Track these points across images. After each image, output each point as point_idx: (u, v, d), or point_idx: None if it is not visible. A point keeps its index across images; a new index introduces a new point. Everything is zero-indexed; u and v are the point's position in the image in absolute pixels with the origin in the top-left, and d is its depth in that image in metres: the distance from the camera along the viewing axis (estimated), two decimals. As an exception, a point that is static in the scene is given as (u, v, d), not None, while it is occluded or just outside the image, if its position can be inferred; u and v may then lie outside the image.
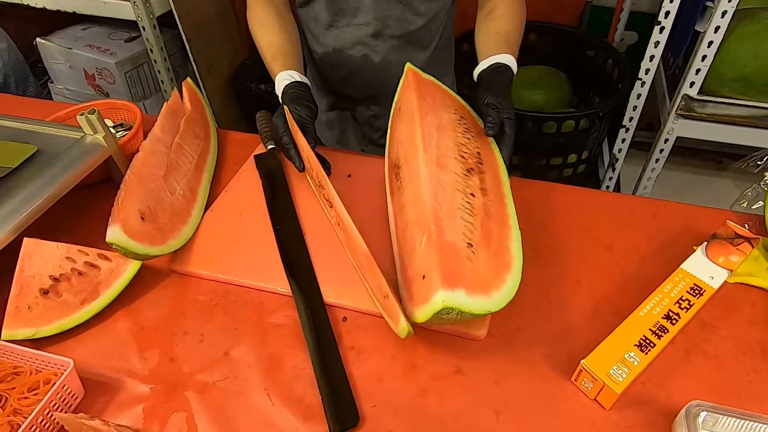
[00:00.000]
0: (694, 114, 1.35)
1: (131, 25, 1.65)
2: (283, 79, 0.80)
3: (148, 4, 1.56)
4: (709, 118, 1.33)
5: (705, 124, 1.35)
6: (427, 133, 0.67)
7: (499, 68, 0.76)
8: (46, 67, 1.91)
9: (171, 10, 1.59)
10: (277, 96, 0.81)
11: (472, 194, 0.62)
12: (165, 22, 1.64)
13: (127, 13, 1.58)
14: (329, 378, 0.57)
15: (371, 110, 0.99)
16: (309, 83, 0.82)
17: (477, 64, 0.79)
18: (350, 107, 1.01)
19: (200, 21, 1.69)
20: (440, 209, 0.59)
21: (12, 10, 1.71)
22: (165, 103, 0.82)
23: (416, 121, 0.68)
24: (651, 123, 1.96)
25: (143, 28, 1.60)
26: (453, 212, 0.59)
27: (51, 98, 1.99)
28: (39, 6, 1.65)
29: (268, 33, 0.85)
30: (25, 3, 1.65)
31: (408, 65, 0.80)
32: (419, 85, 0.75)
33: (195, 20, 1.67)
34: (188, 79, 0.91)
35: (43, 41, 1.83)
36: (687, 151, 1.98)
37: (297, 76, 0.80)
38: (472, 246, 0.57)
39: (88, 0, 1.60)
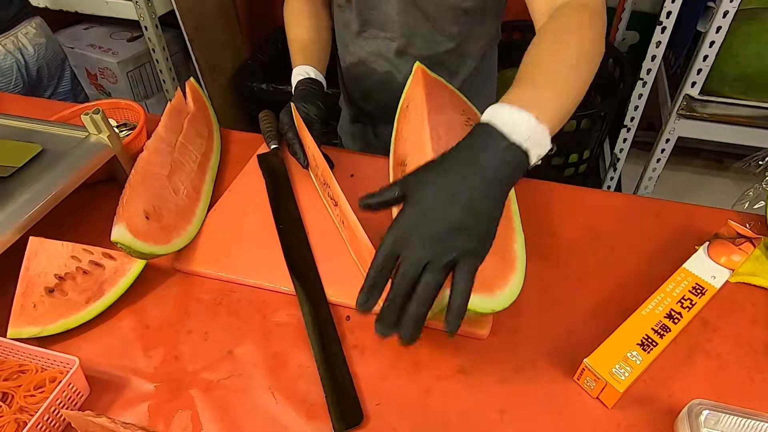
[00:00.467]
0: (695, 114, 1.35)
1: (133, 25, 1.65)
2: (298, 74, 0.81)
3: (150, 4, 1.56)
4: (710, 118, 1.34)
5: (706, 124, 1.36)
6: (435, 130, 0.67)
7: (478, 130, 0.48)
8: (48, 66, 1.91)
9: (173, 10, 1.60)
10: (285, 93, 0.82)
11: None
12: (167, 21, 1.65)
13: (129, 12, 1.59)
14: (333, 376, 0.57)
15: (388, 129, 0.97)
16: (323, 81, 0.82)
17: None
18: (371, 123, 1.00)
19: (202, 21, 1.70)
20: None
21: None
22: (168, 102, 0.83)
23: (424, 118, 0.69)
24: (652, 123, 1.96)
25: (145, 27, 1.61)
26: None
27: (53, 97, 1.99)
28: (41, 6, 1.66)
29: (297, 27, 0.86)
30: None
31: (417, 63, 0.77)
32: (427, 83, 0.75)
33: (197, 20, 1.68)
34: (191, 79, 0.91)
35: (45, 41, 1.83)
36: (689, 151, 1.98)
37: (312, 73, 0.81)
38: None
39: (91, 0, 1.61)
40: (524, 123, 0.47)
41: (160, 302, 0.66)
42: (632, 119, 1.47)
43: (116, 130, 0.76)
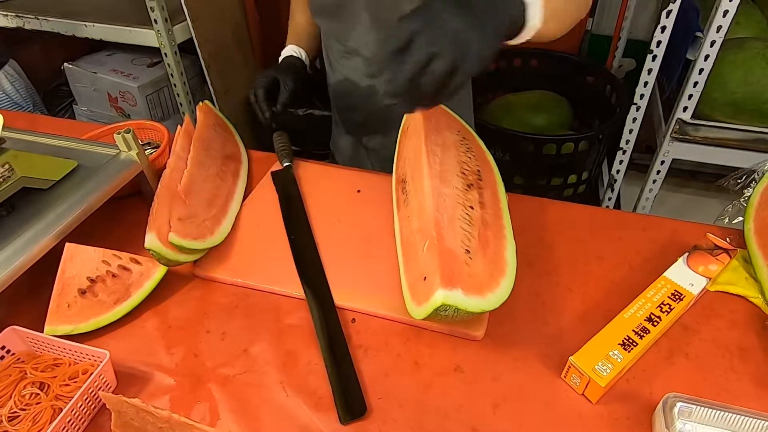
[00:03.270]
0: (688, 137, 1.41)
1: (154, 51, 1.75)
2: (287, 51, 0.96)
3: (170, 33, 1.66)
4: (702, 141, 1.39)
5: (699, 146, 1.41)
6: (431, 150, 0.74)
7: None
8: (71, 89, 2.01)
9: (191, 38, 1.69)
10: (295, 116, 0.92)
11: (471, 207, 0.68)
12: (185, 48, 1.75)
13: (150, 40, 1.68)
14: (339, 372, 0.62)
15: (375, 140, 1.05)
16: (306, 61, 0.97)
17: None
18: (359, 134, 1.08)
19: (218, 47, 1.79)
20: (442, 219, 0.65)
21: (42, 37, 1.82)
22: (178, 126, 0.89)
23: (421, 139, 0.75)
24: (650, 146, 2.02)
25: (165, 54, 1.70)
26: (453, 222, 0.65)
27: (75, 119, 2.09)
28: (68, 34, 1.76)
29: (299, 15, 1.01)
30: (56, 31, 1.76)
31: None
32: None
33: (213, 47, 1.77)
34: (206, 101, 0.98)
35: (70, 66, 1.93)
36: (686, 174, 2.04)
37: (297, 52, 0.96)
38: (469, 252, 0.62)
39: (115, 28, 1.71)
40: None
41: (182, 305, 0.72)
42: (627, 142, 1.53)
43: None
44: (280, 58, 0.96)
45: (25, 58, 2.12)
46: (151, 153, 0.90)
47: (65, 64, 1.94)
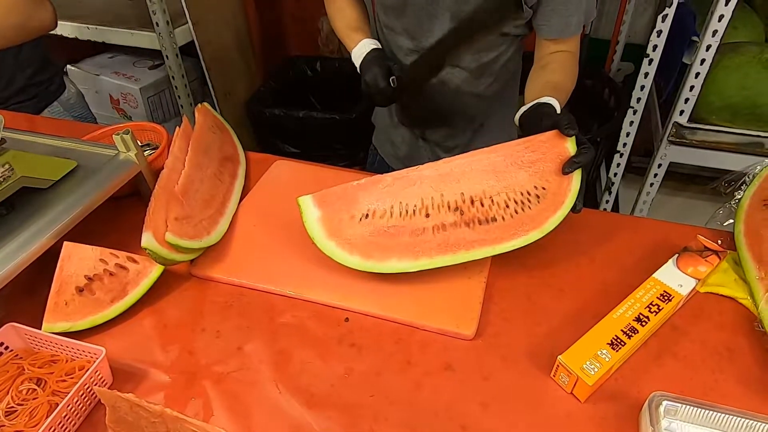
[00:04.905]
0: (685, 140, 1.42)
1: (155, 54, 1.77)
2: (366, 44, 0.93)
3: (172, 36, 1.68)
4: (699, 144, 1.40)
5: (696, 150, 1.42)
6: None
7: (542, 105, 0.77)
8: (74, 91, 2.03)
9: (192, 41, 1.71)
10: (294, 118, 0.92)
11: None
12: (186, 51, 1.76)
13: (152, 43, 1.70)
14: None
15: (440, 132, 1.06)
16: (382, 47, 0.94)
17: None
18: (421, 126, 1.08)
19: (219, 50, 1.81)
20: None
21: (46, 39, 1.84)
22: (177, 128, 0.89)
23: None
24: (649, 149, 2.03)
25: (166, 57, 1.72)
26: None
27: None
28: (71, 36, 1.78)
29: (346, 11, 0.99)
30: (59, 33, 1.78)
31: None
32: None
33: (214, 50, 1.79)
34: (205, 103, 0.99)
35: (72, 68, 1.95)
36: (684, 177, 2.04)
37: (375, 44, 0.93)
38: None
39: (117, 31, 1.73)
40: (558, 106, 0.78)
41: (178, 303, 0.73)
42: (624, 145, 1.54)
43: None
44: (359, 57, 0.93)
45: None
46: (150, 154, 0.91)
47: (68, 65, 1.97)
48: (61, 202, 0.73)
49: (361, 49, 0.94)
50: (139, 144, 0.94)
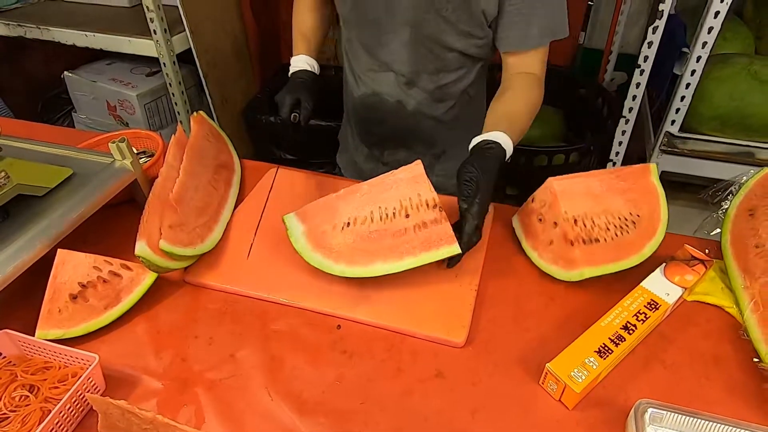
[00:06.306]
0: (676, 149, 1.43)
1: (153, 61, 1.78)
2: (300, 61, 0.94)
3: (169, 43, 1.69)
4: (690, 153, 1.42)
5: (687, 159, 1.43)
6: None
7: (489, 145, 0.75)
8: (71, 97, 2.04)
9: (190, 48, 1.72)
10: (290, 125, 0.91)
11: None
12: (183, 58, 1.77)
13: (149, 50, 1.71)
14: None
15: (399, 154, 1.06)
16: (317, 70, 0.95)
17: None
18: (381, 148, 1.07)
19: (216, 58, 1.82)
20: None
21: (43, 46, 1.85)
22: (173, 136, 0.89)
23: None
24: (642, 158, 2.05)
25: (164, 64, 1.73)
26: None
27: (74, 127, 2.12)
28: (69, 43, 1.79)
29: (304, 15, 1.00)
30: (57, 40, 1.79)
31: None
32: None
33: (212, 57, 1.80)
34: (201, 112, 1.00)
35: (70, 74, 1.96)
36: (677, 185, 2.06)
37: (309, 65, 0.94)
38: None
39: (115, 38, 1.74)
40: (507, 143, 0.77)
41: (171, 310, 0.74)
42: (617, 154, 1.55)
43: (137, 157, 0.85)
44: (293, 69, 0.94)
45: (25, 66, 2.15)
46: (146, 161, 0.92)
47: (65, 72, 1.97)
48: (56, 210, 0.73)
49: (296, 63, 0.95)
50: (135, 151, 0.95)
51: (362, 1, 0.87)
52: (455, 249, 0.69)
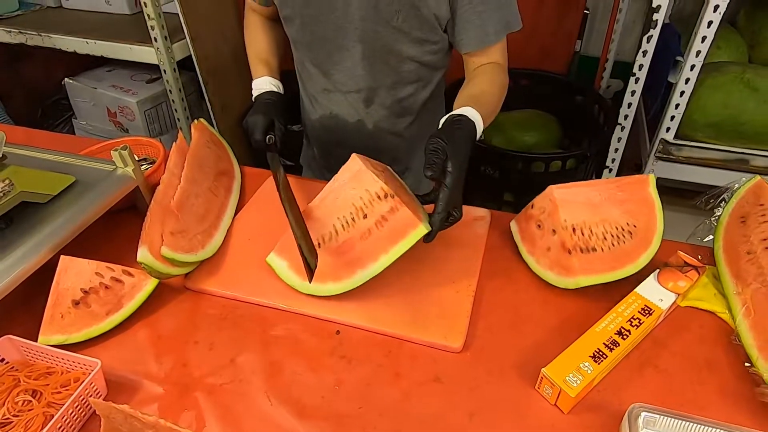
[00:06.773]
0: (671, 156, 1.45)
1: (153, 68, 1.79)
2: (263, 84, 0.93)
3: (170, 50, 1.71)
4: (685, 160, 1.44)
5: (682, 166, 1.45)
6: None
7: (456, 118, 0.73)
8: (71, 104, 2.06)
9: (190, 55, 1.74)
10: (288, 132, 0.90)
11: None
12: (183, 65, 1.79)
13: (150, 57, 1.73)
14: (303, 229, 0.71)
15: None
16: (281, 90, 0.93)
17: None
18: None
19: (217, 65, 1.84)
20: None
21: (44, 52, 1.87)
22: (174, 143, 0.90)
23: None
24: (639, 164, 2.06)
25: (164, 71, 1.75)
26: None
27: (74, 133, 2.13)
28: (70, 50, 1.81)
29: (258, 37, 0.99)
30: (57, 47, 1.81)
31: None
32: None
33: (212, 64, 1.82)
34: (202, 119, 1.01)
35: (70, 81, 1.98)
36: (673, 192, 2.08)
37: (275, 86, 0.92)
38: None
39: (116, 45, 1.75)
40: (476, 117, 0.75)
41: (172, 316, 0.75)
42: (613, 161, 1.57)
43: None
44: (257, 92, 0.92)
45: (25, 72, 2.17)
46: (148, 168, 0.93)
47: (66, 79, 1.99)
48: (59, 217, 0.74)
49: (260, 85, 0.93)
50: (136, 159, 0.96)
51: (310, 21, 0.86)
52: (422, 230, 0.68)
